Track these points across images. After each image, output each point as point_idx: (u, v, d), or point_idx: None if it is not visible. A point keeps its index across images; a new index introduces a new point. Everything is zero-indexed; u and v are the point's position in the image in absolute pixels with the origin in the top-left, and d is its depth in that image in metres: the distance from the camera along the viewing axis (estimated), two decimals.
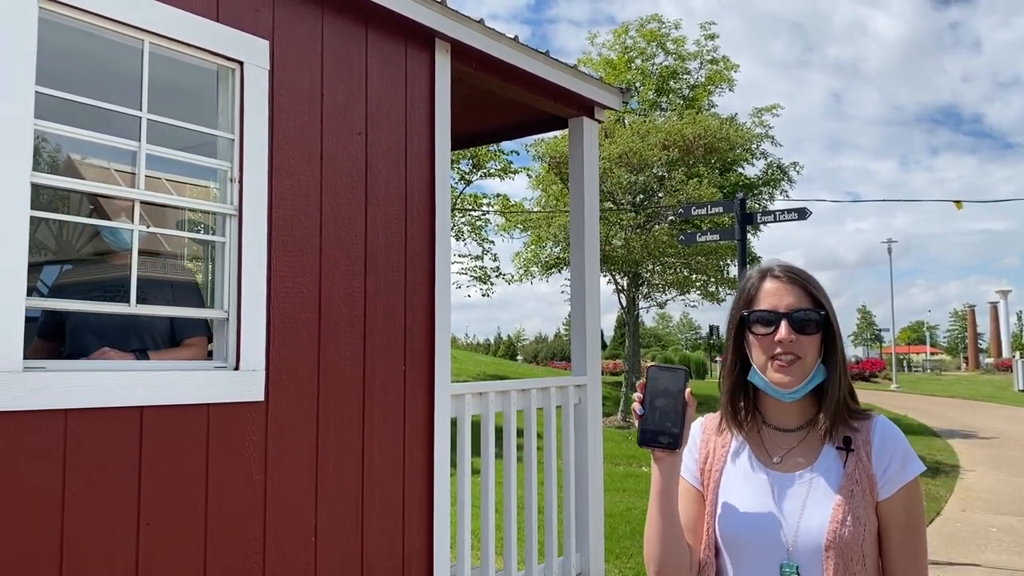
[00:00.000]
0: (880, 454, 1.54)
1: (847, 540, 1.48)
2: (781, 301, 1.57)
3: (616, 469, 10.80)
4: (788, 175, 20.79)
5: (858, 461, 1.54)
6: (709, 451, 1.68)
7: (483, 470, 3.98)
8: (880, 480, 1.53)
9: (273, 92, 2.96)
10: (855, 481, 1.52)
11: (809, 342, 1.55)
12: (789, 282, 1.59)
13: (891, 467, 1.53)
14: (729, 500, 1.60)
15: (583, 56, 22.20)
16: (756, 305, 1.59)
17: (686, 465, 1.70)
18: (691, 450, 1.71)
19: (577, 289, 4.68)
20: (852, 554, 1.48)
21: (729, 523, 1.59)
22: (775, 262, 1.65)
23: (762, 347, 1.57)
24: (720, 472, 1.64)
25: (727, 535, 1.59)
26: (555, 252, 17.60)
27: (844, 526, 1.48)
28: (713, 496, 1.63)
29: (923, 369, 63.57)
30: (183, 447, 2.62)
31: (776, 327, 1.55)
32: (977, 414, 21.52)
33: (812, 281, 1.60)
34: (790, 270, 1.62)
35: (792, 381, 1.54)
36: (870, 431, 1.57)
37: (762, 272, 1.64)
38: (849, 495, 1.51)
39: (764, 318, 1.57)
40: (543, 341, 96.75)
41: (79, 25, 2.49)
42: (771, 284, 1.60)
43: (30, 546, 2.25)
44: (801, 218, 8.21)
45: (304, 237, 3.04)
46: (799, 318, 1.55)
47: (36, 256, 4.00)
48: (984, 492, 9.64)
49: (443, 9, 3.53)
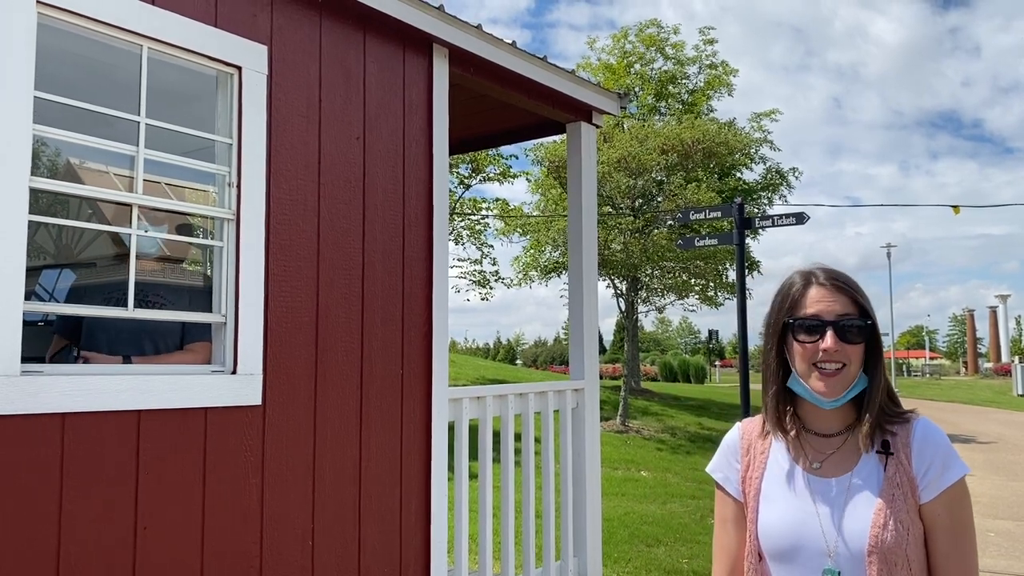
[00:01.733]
0: (920, 457, 1.52)
1: (890, 545, 1.46)
2: (828, 309, 1.54)
3: (615, 473, 10.80)
4: (787, 180, 20.83)
5: (898, 465, 1.52)
6: (751, 459, 1.66)
7: (481, 474, 3.98)
8: (921, 484, 1.50)
9: (271, 97, 2.97)
10: (896, 485, 1.50)
11: (854, 351, 1.53)
12: (835, 289, 1.56)
13: (931, 470, 1.51)
14: (770, 506, 1.59)
15: (583, 61, 22.26)
16: (800, 311, 1.56)
17: (727, 476, 1.69)
18: (731, 459, 1.70)
19: (575, 293, 4.69)
20: (896, 558, 1.46)
21: (770, 530, 1.58)
22: (818, 267, 1.62)
23: (806, 355, 1.55)
24: (760, 479, 1.63)
25: (768, 542, 1.58)
26: (554, 256, 17.62)
27: (886, 531, 1.47)
28: (754, 503, 1.62)
29: (922, 374, 63.55)
30: (180, 451, 2.62)
31: (821, 336, 1.52)
32: (976, 419, 21.53)
33: (859, 288, 1.58)
34: (835, 276, 1.59)
35: (834, 391, 1.52)
36: (910, 434, 1.54)
37: (806, 277, 1.60)
38: (890, 499, 1.49)
39: (809, 326, 1.54)
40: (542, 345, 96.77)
41: (78, 30, 2.50)
42: (816, 291, 1.57)
43: (27, 550, 2.25)
44: (799, 223, 8.22)
45: (302, 241, 3.05)
46: (846, 327, 1.52)
47: (36, 260, 4.01)
48: (982, 496, 9.63)
49: (441, 14, 3.55)
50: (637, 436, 14.54)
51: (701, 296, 17.60)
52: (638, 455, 12.57)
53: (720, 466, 1.73)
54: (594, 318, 4.69)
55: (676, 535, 7.30)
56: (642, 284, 17.07)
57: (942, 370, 68.98)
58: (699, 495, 9.42)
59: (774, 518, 1.58)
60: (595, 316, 4.71)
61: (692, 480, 10.54)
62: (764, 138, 20.19)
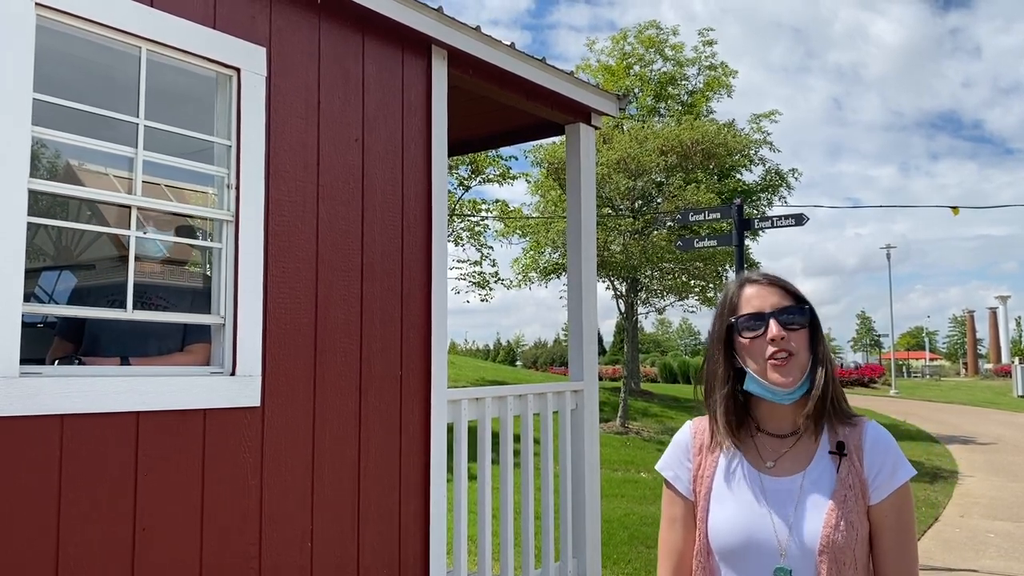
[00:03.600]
0: (872, 459, 1.56)
1: (840, 545, 1.49)
2: (765, 302, 1.61)
3: (614, 475, 10.80)
4: (786, 181, 20.84)
5: (851, 466, 1.55)
6: (703, 458, 1.68)
7: (479, 475, 3.98)
8: (872, 485, 1.54)
9: (270, 99, 2.98)
10: (848, 486, 1.54)
11: (798, 337, 1.58)
12: (769, 284, 1.64)
13: (882, 472, 1.55)
14: (721, 505, 1.61)
15: (582, 62, 22.28)
16: (741, 311, 1.63)
17: (677, 475, 1.71)
18: (682, 458, 1.72)
19: (574, 294, 4.69)
20: (845, 558, 1.49)
21: (721, 528, 1.59)
22: (751, 272, 1.70)
23: (755, 351, 1.59)
24: (711, 478, 1.65)
25: (719, 540, 1.59)
26: (554, 258, 17.62)
27: (838, 531, 1.50)
28: (705, 502, 1.64)
29: (922, 375, 63.50)
30: (179, 452, 2.62)
31: (765, 327, 1.58)
32: (976, 420, 21.52)
33: (789, 283, 1.65)
34: (765, 275, 1.67)
35: (791, 380, 1.56)
36: (861, 436, 1.58)
37: (740, 281, 1.68)
38: (842, 500, 1.52)
39: (751, 321, 1.60)
40: (542, 347, 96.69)
41: (76, 32, 2.51)
42: (751, 289, 1.64)
43: (26, 551, 2.26)
44: (798, 224, 8.21)
45: (301, 243, 3.05)
46: (785, 314, 1.59)
47: (35, 262, 4.01)
48: (982, 498, 9.63)
49: (440, 16, 3.55)
50: (637, 437, 14.54)
51: (701, 297, 17.59)
52: (638, 456, 12.57)
53: (670, 464, 1.74)
54: (593, 319, 4.69)
55: None
56: (642, 285, 17.07)
57: (942, 371, 68.93)
58: None
59: (726, 517, 1.60)
60: (594, 317, 4.71)
61: None
62: (764, 139, 20.19)
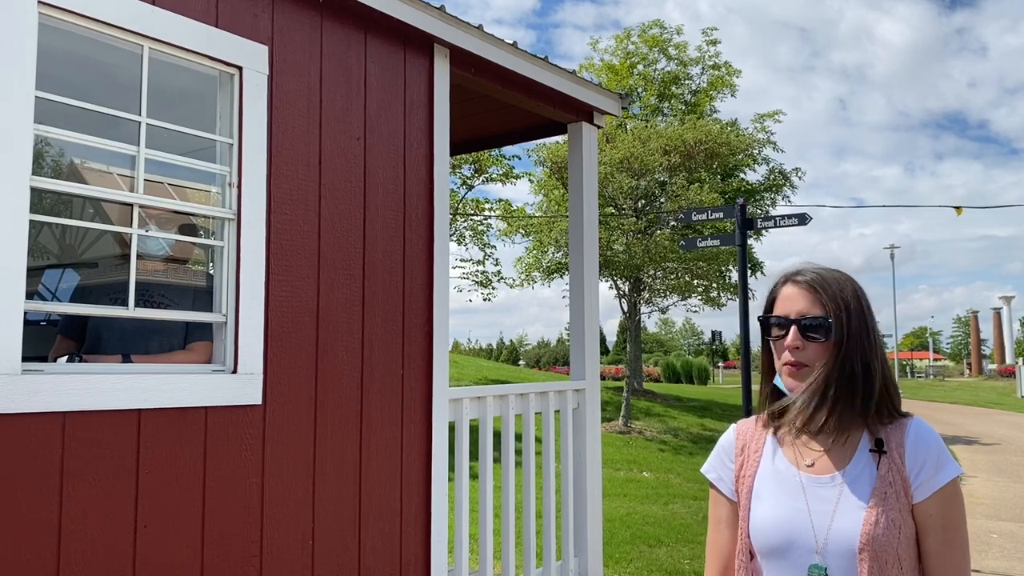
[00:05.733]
0: (914, 456, 1.52)
1: (881, 542, 1.47)
2: (794, 306, 1.59)
3: (616, 474, 10.79)
4: (790, 180, 20.81)
5: (891, 463, 1.52)
6: (745, 458, 1.68)
7: (481, 474, 3.98)
8: (914, 483, 1.51)
9: (272, 97, 2.98)
10: (888, 484, 1.51)
11: (817, 348, 1.56)
12: (806, 287, 1.60)
13: (924, 470, 1.51)
14: (761, 504, 1.61)
15: (586, 61, 22.27)
16: (775, 309, 1.63)
17: (720, 476, 1.71)
18: (725, 460, 1.72)
19: (576, 294, 4.69)
20: (887, 556, 1.47)
21: (761, 527, 1.59)
22: (804, 265, 1.65)
23: (777, 351, 1.61)
24: (753, 478, 1.65)
25: (759, 539, 1.59)
26: (557, 257, 17.62)
27: (878, 528, 1.47)
28: (746, 501, 1.64)
29: (926, 375, 63.36)
30: (181, 450, 2.63)
31: (786, 332, 1.58)
32: (979, 420, 21.48)
33: (829, 288, 1.58)
34: (811, 275, 1.61)
35: (801, 388, 1.55)
36: (904, 433, 1.55)
37: (786, 276, 1.65)
38: (883, 497, 1.50)
39: (776, 323, 1.61)
40: (545, 346, 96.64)
41: (79, 31, 2.51)
42: (789, 289, 1.62)
43: (28, 549, 2.26)
44: (801, 224, 8.20)
45: (302, 241, 3.06)
46: (805, 325, 1.57)
47: (39, 260, 4.02)
48: (985, 498, 9.62)
49: (442, 15, 3.55)
50: (639, 437, 14.53)
51: (704, 297, 17.59)
52: (640, 456, 12.57)
53: (714, 466, 1.75)
54: (595, 319, 4.69)
55: (678, 536, 7.30)
56: (645, 285, 17.06)
57: (946, 371, 68.76)
58: (701, 496, 9.40)
59: (765, 515, 1.59)
60: (596, 317, 4.71)
61: (694, 481, 10.53)
62: (767, 139, 20.17)
